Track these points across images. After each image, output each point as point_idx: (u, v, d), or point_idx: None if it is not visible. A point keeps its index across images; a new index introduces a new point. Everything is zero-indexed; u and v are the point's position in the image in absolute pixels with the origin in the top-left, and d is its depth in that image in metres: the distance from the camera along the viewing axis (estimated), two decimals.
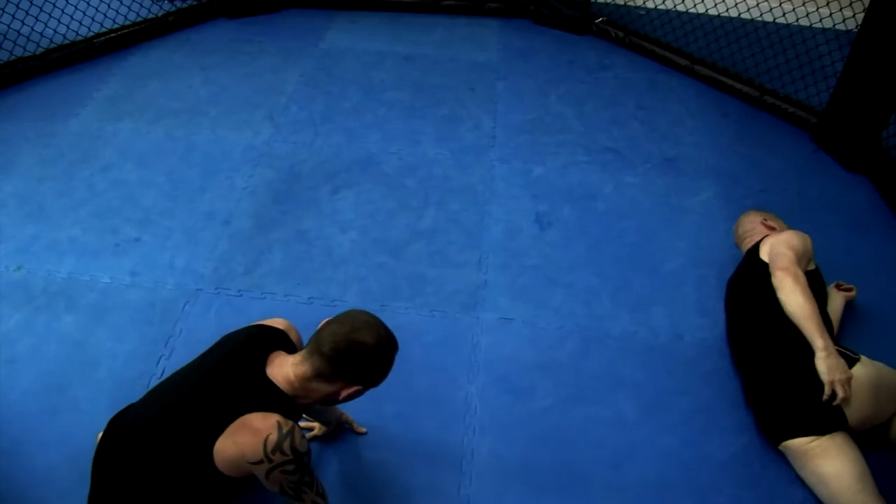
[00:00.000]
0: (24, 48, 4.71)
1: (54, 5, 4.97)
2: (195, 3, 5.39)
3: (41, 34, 4.85)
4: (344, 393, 2.14)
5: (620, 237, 3.65)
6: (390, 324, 2.20)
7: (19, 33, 4.78)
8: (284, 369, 2.14)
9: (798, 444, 2.62)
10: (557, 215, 3.74)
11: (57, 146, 4.07)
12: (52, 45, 4.76)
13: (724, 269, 3.43)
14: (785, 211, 3.84)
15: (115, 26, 5.01)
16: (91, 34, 4.90)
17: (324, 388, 2.13)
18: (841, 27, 5.14)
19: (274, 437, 1.98)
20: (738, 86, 4.77)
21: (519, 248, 3.55)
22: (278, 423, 2.00)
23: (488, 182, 3.93)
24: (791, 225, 3.66)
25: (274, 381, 2.12)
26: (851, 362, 2.66)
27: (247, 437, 1.98)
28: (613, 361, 3.06)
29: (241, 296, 3.24)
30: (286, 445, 1.98)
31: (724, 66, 4.95)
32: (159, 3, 5.39)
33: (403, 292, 3.30)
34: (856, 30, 4.12)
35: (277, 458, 1.98)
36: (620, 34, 5.29)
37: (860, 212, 3.92)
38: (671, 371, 3.03)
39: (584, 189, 3.92)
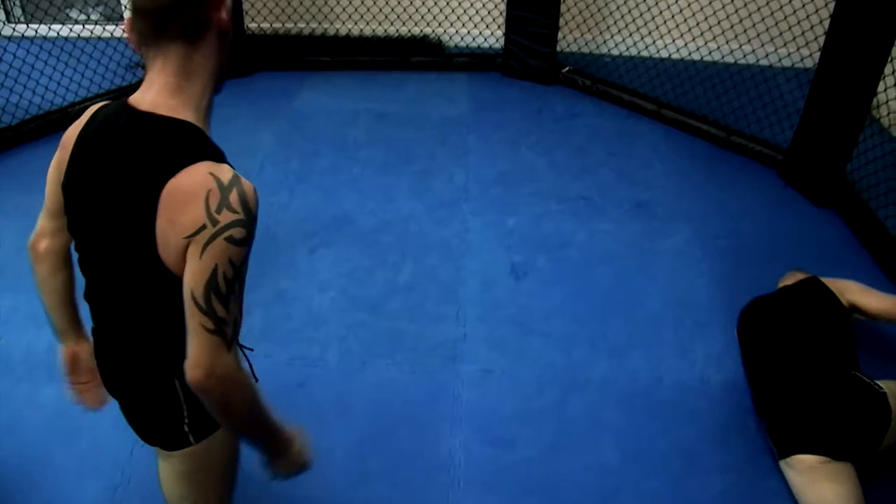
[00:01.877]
0: (0, 119, 4.75)
1: (29, 76, 5.02)
2: None
3: (16, 105, 4.88)
4: (221, 22, 1.57)
5: (596, 284, 3.69)
6: (372, 381, 2.21)
7: None
8: (158, 93, 1.57)
9: (810, 461, 2.64)
10: (533, 265, 3.78)
11: (34, 217, 4.06)
12: (28, 116, 4.80)
13: (700, 310, 3.49)
14: (758, 248, 3.93)
15: (90, 95, 5.06)
16: (66, 104, 4.95)
17: (203, 59, 1.57)
18: (802, 65, 5.25)
19: (214, 189, 1.44)
20: (705, 127, 4.87)
21: (496, 299, 3.59)
22: (210, 173, 1.46)
23: (463, 235, 3.98)
24: (765, 261, 3.75)
25: (164, 112, 1.55)
26: (879, 396, 2.71)
27: (179, 205, 1.44)
28: (594, 407, 3.08)
29: None
30: (234, 196, 1.45)
31: (690, 108, 5.06)
32: (133, 71, 5.46)
33: (383, 349, 3.32)
34: (814, 67, 4.23)
35: (225, 216, 1.43)
36: (587, 82, 5.39)
37: (831, 245, 4.00)
38: (652, 414, 3.06)
39: (558, 238, 3.97)
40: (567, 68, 5.51)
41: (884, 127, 4.88)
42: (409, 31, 6.07)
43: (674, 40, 5.80)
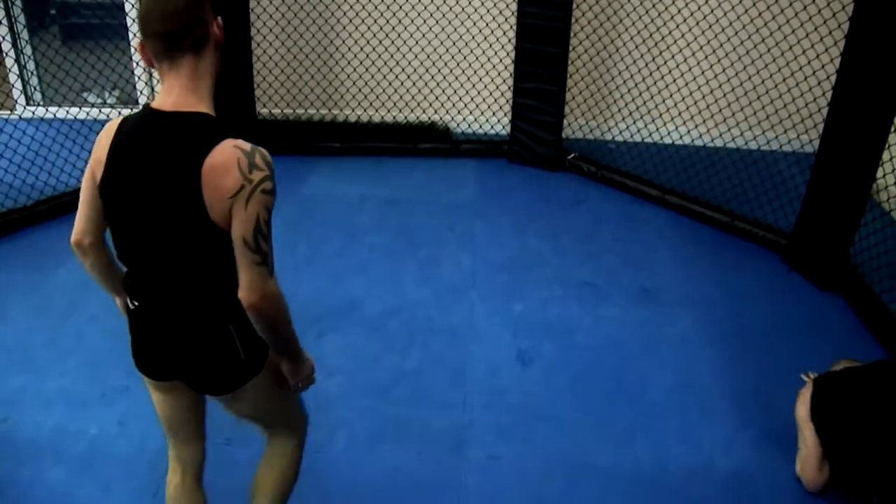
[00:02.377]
0: (15, 200, 4.84)
1: (45, 158, 5.14)
2: None
3: (31, 186, 4.98)
4: (217, 36, 1.99)
5: (601, 369, 3.71)
6: (379, 467, 2.22)
7: (11, 186, 4.94)
8: (178, 96, 1.94)
9: None
10: (539, 351, 3.81)
11: (46, 296, 4.15)
12: (42, 197, 4.90)
13: (706, 395, 3.50)
14: (763, 332, 3.95)
15: None
16: (79, 186, 4.99)
17: (206, 65, 1.97)
18: (803, 150, 5.35)
19: (243, 158, 1.86)
20: (709, 213, 4.94)
21: (502, 385, 3.61)
22: (235, 146, 1.87)
23: (470, 321, 4.02)
24: (770, 345, 3.78)
25: (187, 109, 1.94)
26: None
27: (225, 174, 1.85)
28: (601, 494, 3.07)
29: (228, 443, 3.24)
30: (258, 159, 1.88)
31: (694, 194, 5.13)
32: None
33: (390, 435, 3.33)
34: (815, 152, 4.31)
35: (255, 174, 1.86)
36: (592, 169, 5.48)
37: (836, 328, 4.02)
38: (659, 501, 3.05)
39: (564, 324, 4.01)
40: (573, 155, 5.61)
41: (885, 211, 4.94)
42: (418, 117, 6.21)
43: (676, 127, 5.93)
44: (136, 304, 2.12)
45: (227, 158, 1.85)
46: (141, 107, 2.02)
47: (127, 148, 1.96)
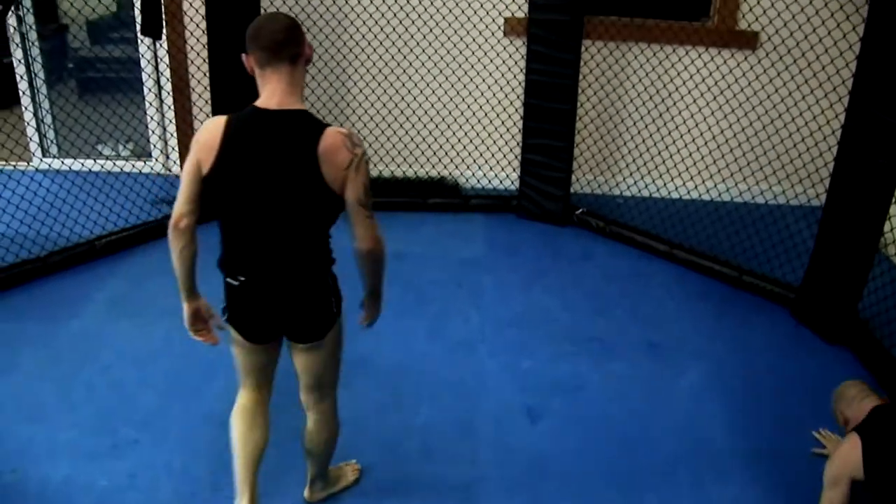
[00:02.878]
0: (29, 251, 4.89)
1: (59, 210, 5.23)
2: None
3: (45, 237, 5.05)
4: (307, 54, 2.54)
5: (610, 425, 3.71)
6: None
7: (25, 237, 4.99)
8: (281, 97, 2.47)
9: None
10: (547, 407, 3.81)
11: (58, 347, 4.18)
12: (56, 248, 4.95)
13: (715, 450, 3.49)
14: (773, 387, 3.95)
15: (116, 229, 5.22)
16: (93, 237, 5.10)
17: (299, 74, 2.51)
18: (815, 203, 5.38)
19: (346, 139, 2.44)
20: (717, 267, 4.96)
21: (511, 441, 3.61)
22: (336, 131, 2.45)
23: (479, 376, 4.03)
24: (779, 400, 3.77)
25: (290, 107, 2.46)
26: None
27: (338, 152, 2.42)
28: None
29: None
30: (355, 138, 2.47)
31: (702, 248, 5.16)
32: (158, 207, 5.64)
33: (399, 490, 3.32)
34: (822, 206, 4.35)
35: (357, 150, 2.45)
36: (601, 224, 5.52)
37: None
38: None
39: (573, 379, 4.01)
40: (581, 210, 5.65)
41: (894, 265, 4.96)
42: (427, 172, 6.27)
43: (684, 182, 5.98)
44: (242, 279, 2.60)
45: (336, 140, 2.42)
46: (249, 107, 2.50)
47: (244, 138, 2.46)
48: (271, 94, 2.46)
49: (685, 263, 5.09)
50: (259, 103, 2.47)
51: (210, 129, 2.48)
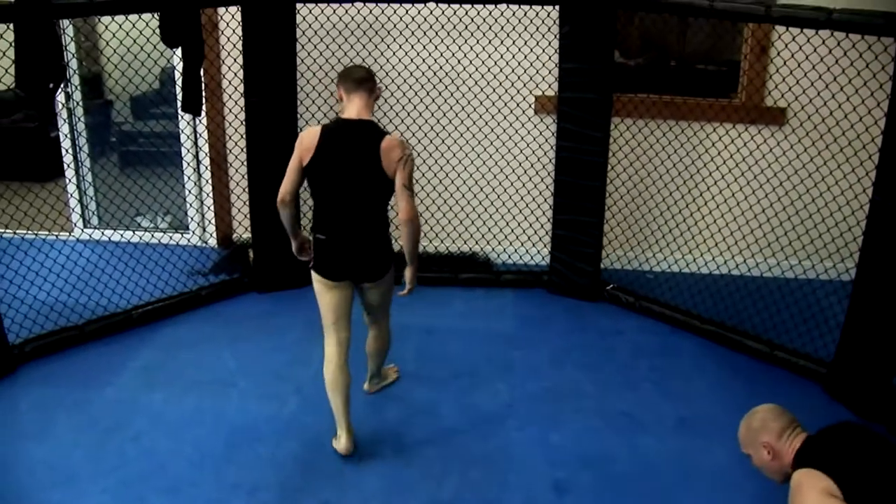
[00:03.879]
0: (68, 319, 5.01)
1: (98, 280, 5.36)
2: (228, 278, 5.77)
3: (84, 306, 5.18)
4: (378, 90, 3.79)
5: (638, 501, 3.69)
6: None
7: (65, 305, 5.13)
8: (359, 112, 3.65)
9: None
10: (575, 482, 3.80)
11: (92, 413, 4.25)
12: (94, 317, 5.06)
13: None
14: None
15: (153, 299, 5.33)
16: (130, 307, 5.21)
17: (371, 100, 3.72)
18: (845, 277, 5.37)
19: (401, 140, 3.63)
20: (747, 342, 4.94)
21: None
22: (392, 136, 3.61)
23: (506, 450, 4.03)
24: None
25: (364, 118, 3.66)
26: None
27: (393, 150, 3.56)
28: None
29: None
30: (405, 143, 3.63)
31: (732, 323, 5.15)
32: (194, 278, 5.75)
33: None
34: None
35: (407, 149, 3.61)
36: (631, 299, 5.54)
37: None
38: None
39: (601, 454, 4.00)
40: (611, 286, 5.68)
41: None
42: (459, 248, 6.35)
43: (713, 257, 5.99)
44: (324, 237, 3.70)
45: (393, 142, 3.57)
46: (334, 119, 3.75)
47: (336, 138, 3.60)
48: (353, 110, 3.64)
49: (715, 338, 5.08)
50: (343, 116, 3.65)
51: (310, 134, 3.61)
